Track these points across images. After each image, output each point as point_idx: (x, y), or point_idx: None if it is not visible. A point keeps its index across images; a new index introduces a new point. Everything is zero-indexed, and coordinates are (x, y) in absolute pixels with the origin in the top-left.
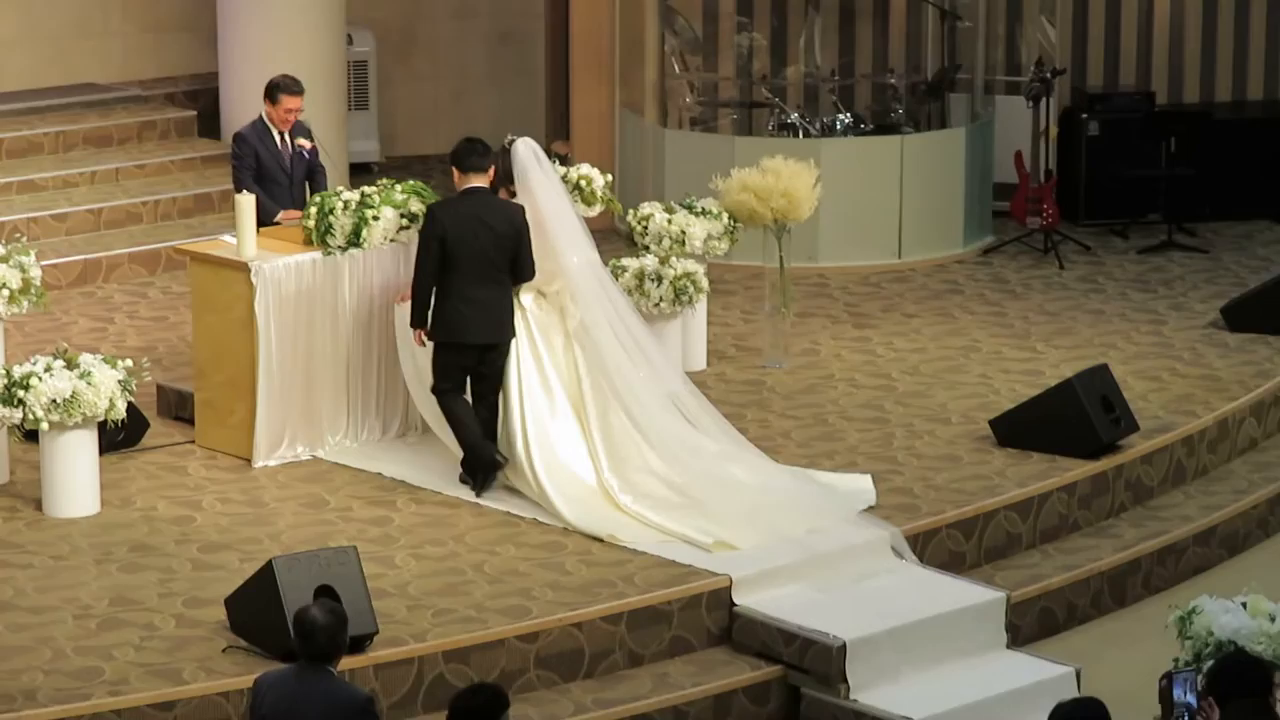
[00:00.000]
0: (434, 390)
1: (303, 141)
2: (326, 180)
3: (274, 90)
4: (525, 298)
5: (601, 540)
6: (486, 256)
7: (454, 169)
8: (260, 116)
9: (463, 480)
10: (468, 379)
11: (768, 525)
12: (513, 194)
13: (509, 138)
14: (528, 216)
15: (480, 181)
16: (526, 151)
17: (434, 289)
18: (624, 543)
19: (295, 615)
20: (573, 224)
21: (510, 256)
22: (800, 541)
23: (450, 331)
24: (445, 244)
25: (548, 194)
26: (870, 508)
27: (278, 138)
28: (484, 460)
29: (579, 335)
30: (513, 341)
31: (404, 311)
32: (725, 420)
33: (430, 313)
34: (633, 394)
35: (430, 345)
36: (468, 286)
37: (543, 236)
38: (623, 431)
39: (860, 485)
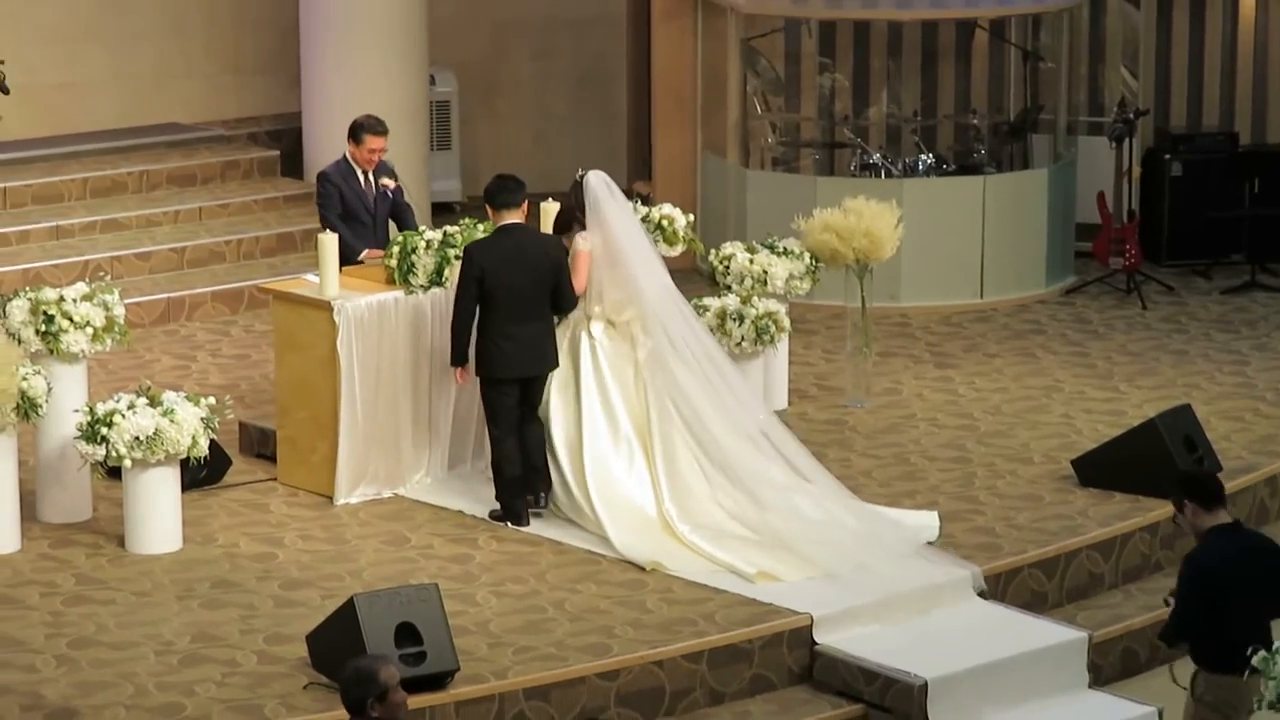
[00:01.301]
0: (490, 436)
1: (386, 181)
2: (414, 219)
3: (358, 130)
4: (595, 328)
5: (645, 570)
6: (524, 292)
7: (488, 206)
8: (344, 156)
9: (494, 517)
10: (516, 413)
11: (820, 560)
12: (583, 225)
13: (580, 172)
14: (600, 247)
15: (515, 218)
16: (598, 183)
17: (473, 327)
18: (669, 570)
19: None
20: (647, 251)
21: (549, 290)
22: (882, 580)
23: (491, 368)
24: (483, 283)
25: (621, 224)
26: (948, 546)
27: (361, 177)
28: (514, 513)
29: (649, 364)
30: (579, 374)
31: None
32: (807, 452)
33: (471, 350)
34: (701, 422)
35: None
36: (507, 323)
37: (616, 266)
38: (687, 461)
39: (923, 521)
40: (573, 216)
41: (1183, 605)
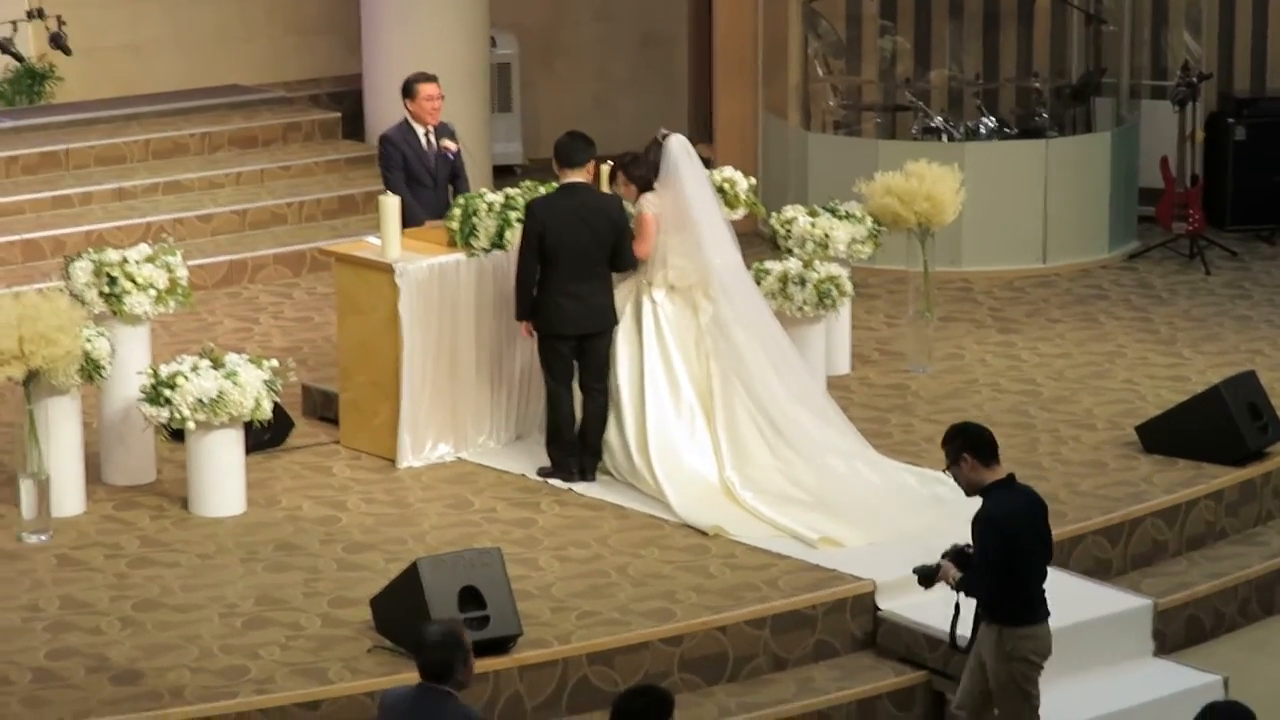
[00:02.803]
0: (547, 390)
1: (448, 144)
2: (468, 184)
3: (409, 86)
4: (658, 293)
5: (706, 534)
6: (585, 251)
7: (555, 162)
8: (405, 119)
9: (542, 473)
10: (573, 370)
11: (884, 524)
12: (651, 187)
13: (662, 131)
14: (669, 211)
15: (580, 177)
16: (679, 148)
17: (535, 282)
18: (731, 536)
19: (415, 633)
20: (720, 224)
21: (609, 249)
22: (946, 547)
23: (550, 324)
24: (544, 240)
25: (696, 191)
26: None
27: (422, 138)
28: (565, 469)
29: (711, 330)
30: (642, 338)
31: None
32: (853, 429)
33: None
34: (764, 388)
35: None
36: (568, 281)
37: (685, 232)
38: (749, 427)
39: None
40: (645, 175)
41: (990, 562)
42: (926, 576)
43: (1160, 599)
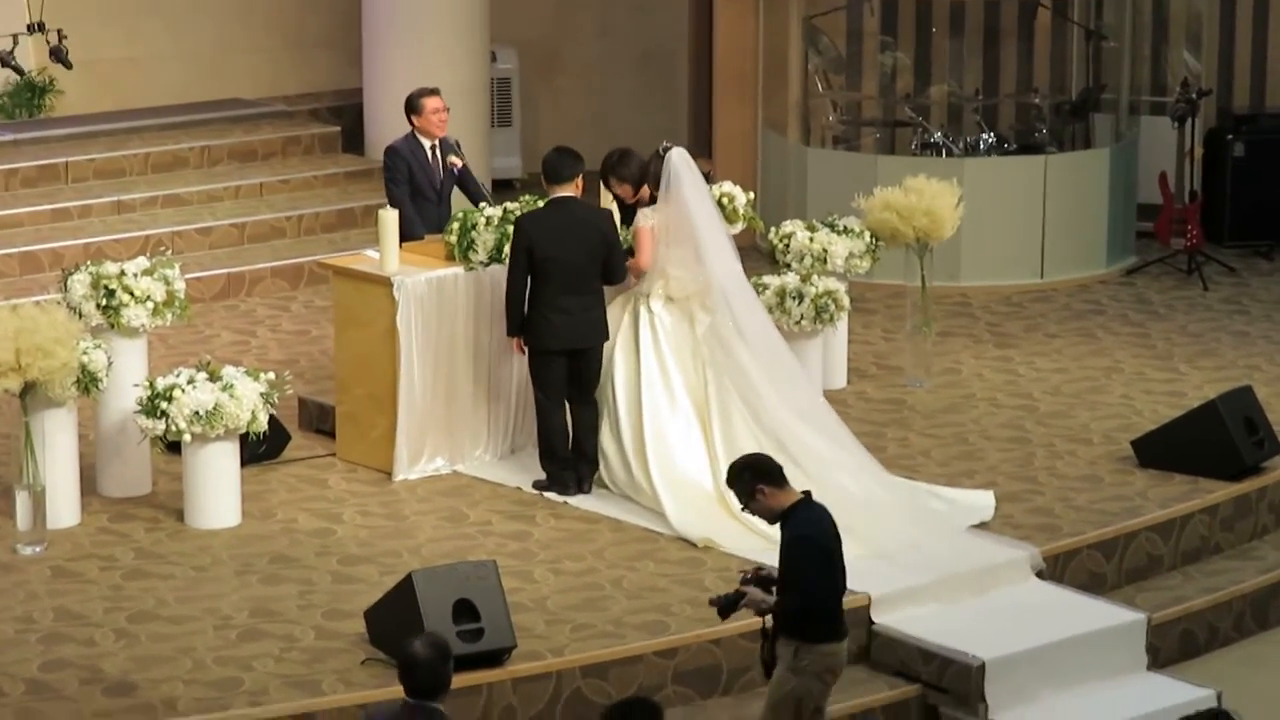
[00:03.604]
0: (537, 405)
1: (454, 160)
2: (483, 190)
3: (413, 101)
4: (655, 304)
5: (697, 546)
6: (576, 265)
7: (544, 179)
8: (411, 133)
9: (537, 487)
10: (564, 384)
11: (878, 538)
12: (653, 200)
13: (664, 145)
14: (668, 224)
15: (569, 191)
16: (680, 161)
17: (526, 299)
18: (722, 548)
19: (400, 651)
20: (721, 235)
21: (600, 263)
22: (940, 560)
23: (541, 339)
24: (534, 255)
25: (697, 203)
26: (1006, 526)
27: (429, 153)
28: (561, 482)
29: (707, 340)
30: (639, 348)
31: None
32: (857, 441)
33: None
34: (761, 400)
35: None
36: (559, 296)
37: (685, 245)
38: (746, 437)
39: (978, 501)
40: (644, 185)
41: (810, 579)
42: (726, 606)
43: (1155, 613)
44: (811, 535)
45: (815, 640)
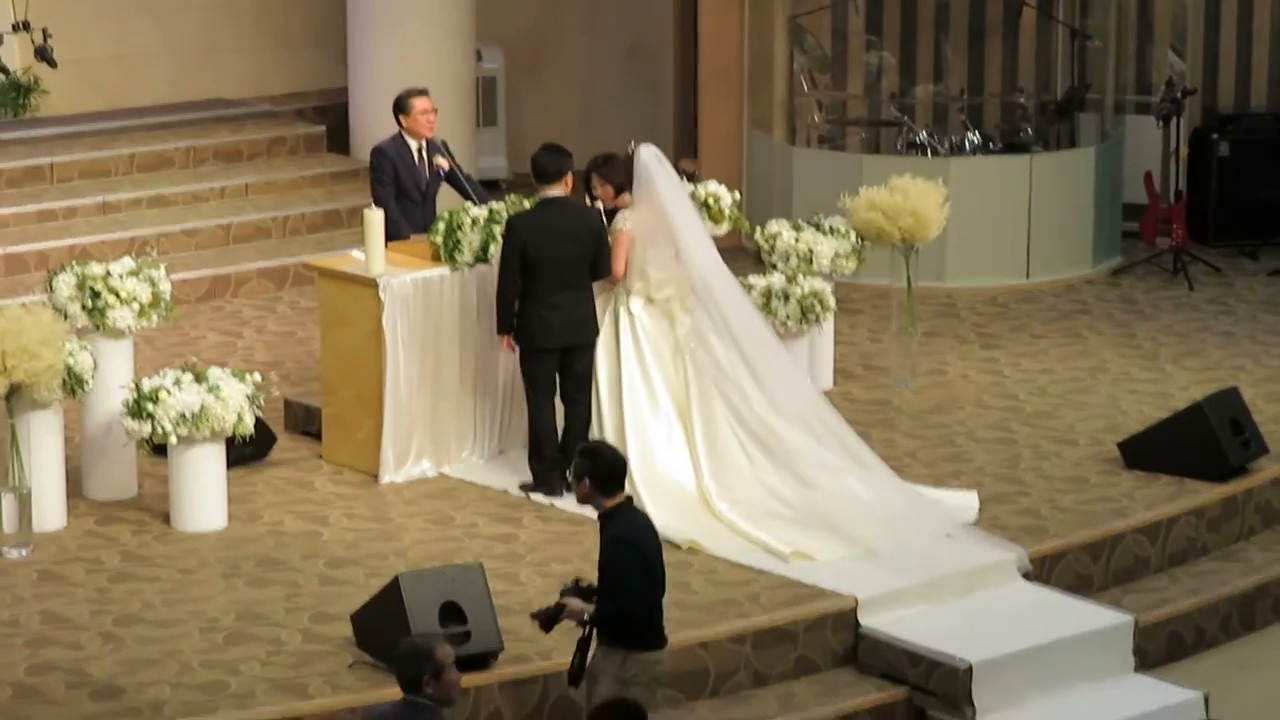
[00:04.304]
0: (529, 404)
1: (440, 161)
2: (476, 185)
3: (401, 102)
4: (634, 304)
5: (681, 548)
6: (567, 263)
7: (533, 177)
8: (399, 134)
9: (524, 488)
10: (555, 382)
11: (856, 538)
12: (628, 189)
13: (632, 144)
14: (646, 223)
15: (558, 190)
16: (650, 157)
17: (517, 297)
18: (706, 550)
19: (398, 646)
20: (696, 226)
21: (590, 260)
22: (927, 563)
23: (532, 338)
24: (526, 254)
25: (671, 198)
26: (993, 528)
27: (415, 155)
28: (548, 484)
29: (689, 341)
30: (619, 349)
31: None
32: (853, 431)
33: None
34: (744, 399)
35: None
36: (550, 293)
37: (661, 244)
38: (728, 437)
39: (963, 502)
40: (621, 188)
41: (630, 583)
42: (548, 620)
43: (1141, 615)
44: (629, 537)
45: (638, 648)
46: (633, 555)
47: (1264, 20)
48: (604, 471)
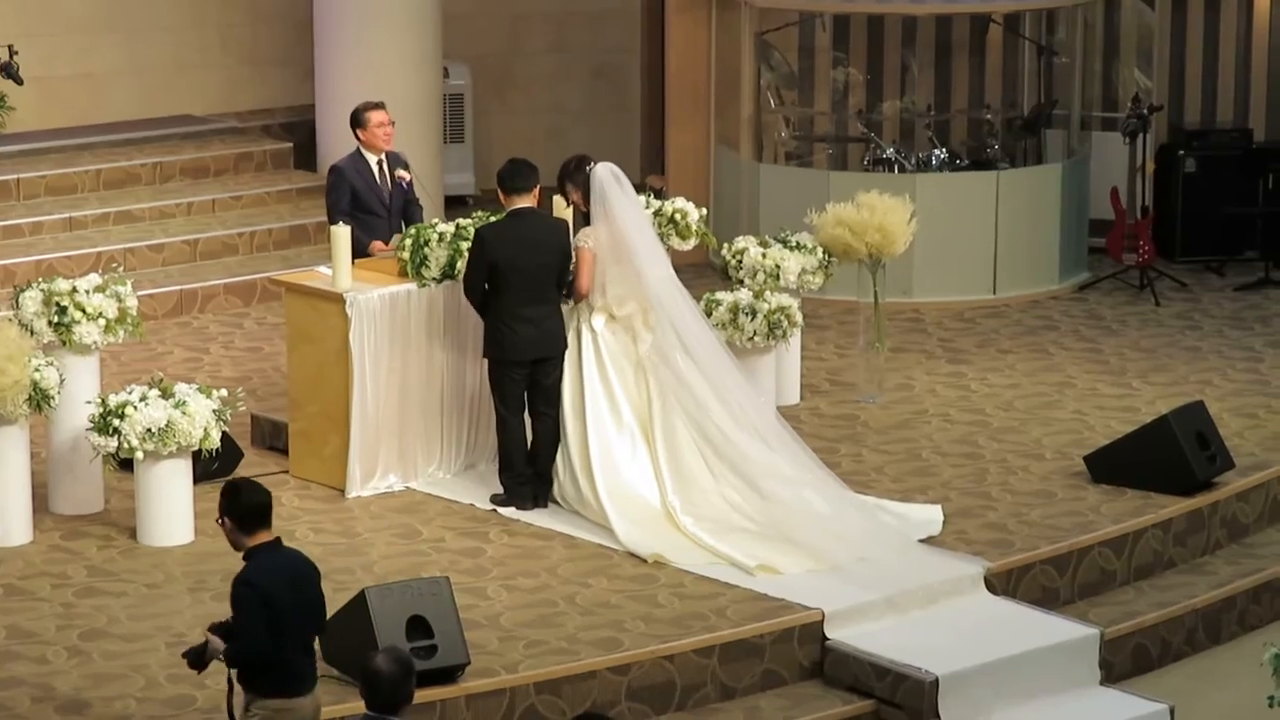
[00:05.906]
0: (498, 417)
1: (402, 173)
2: (422, 214)
3: (358, 115)
4: (597, 321)
5: (646, 561)
6: (536, 276)
7: (500, 190)
8: (357, 150)
9: (495, 501)
10: (524, 396)
11: (819, 552)
12: (588, 218)
13: (589, 165)
14: (605, 241)
15: (526, 202)
16: (606, 174)
17: (485, 309)
18: (671, 563)
19: (361, 667)
20: (653, 242)
21: (559, 272)
22: (893, 576)
23: (504, 350)
24: (496, 267)
25: (627, 216)
26: (959, 542)
27: (375, 169)
28: (518, 497)
29: (650, 358)
30: (582, 365)
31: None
32: (806, 447)
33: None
34: (706, 414)
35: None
36: (520, 306)
37: (621, 261)
38: (691, 453)
39: (927, 516)
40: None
41: (248, 628)
42: (196, 658)
43: (1107, 628)
44: (252, 581)
45: (267, 694)
46: (250, 598)
47: (1229, 37)
48: (242, 509)
